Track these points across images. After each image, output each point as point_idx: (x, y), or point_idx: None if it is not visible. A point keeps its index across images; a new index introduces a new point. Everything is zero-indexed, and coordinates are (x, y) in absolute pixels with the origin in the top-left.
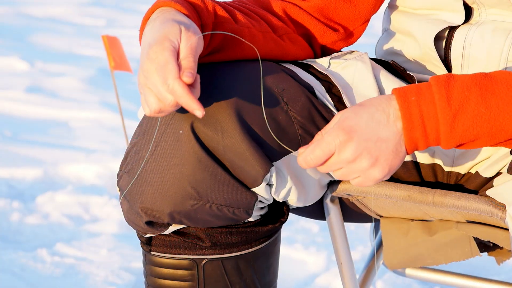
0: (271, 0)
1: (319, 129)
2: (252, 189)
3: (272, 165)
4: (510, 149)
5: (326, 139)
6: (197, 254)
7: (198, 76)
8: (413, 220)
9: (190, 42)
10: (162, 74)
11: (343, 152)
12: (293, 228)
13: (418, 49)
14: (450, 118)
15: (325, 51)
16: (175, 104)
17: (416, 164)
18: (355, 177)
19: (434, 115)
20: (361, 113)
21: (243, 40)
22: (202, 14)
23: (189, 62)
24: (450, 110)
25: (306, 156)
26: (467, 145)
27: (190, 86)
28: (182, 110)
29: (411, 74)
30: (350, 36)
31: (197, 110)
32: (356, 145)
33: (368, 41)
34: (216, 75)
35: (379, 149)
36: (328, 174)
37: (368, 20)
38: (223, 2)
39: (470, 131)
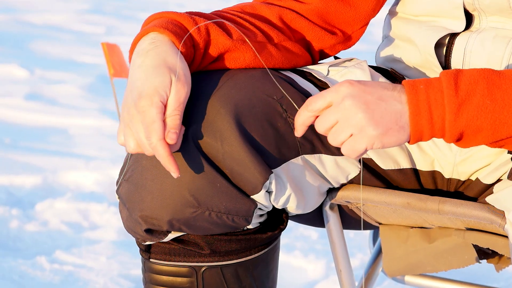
0: (267, 7)
1: (318, 135)
2: (251, 197)
3: (272, 172)
4: (511, 156)
5: (332, 87)
6: (196, 262)
7: (183, 128)
8: (412, 227)
9: (179, 96)
10: (147, 130)
11: (344, 101)
12: (292, 235)
13: (419, 56)
14: (456, 106)
15: (324, 55)
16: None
17: (415, 171)
18: (347, 137)
19: (441, 103)
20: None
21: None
22: (194, 36)
23: (175, 120)
24: (457, 99)
25: (309, 99)
26: (469, 138)
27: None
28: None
29: None
30: (348, 40)
31: (174, 173)
32: (356, 94)
33: (367, 48)
34: (215, 82)
35: (378, 105)
36: (326, 181)
37: (367, 24)
38: (219, 12)
39: (474, 121)
